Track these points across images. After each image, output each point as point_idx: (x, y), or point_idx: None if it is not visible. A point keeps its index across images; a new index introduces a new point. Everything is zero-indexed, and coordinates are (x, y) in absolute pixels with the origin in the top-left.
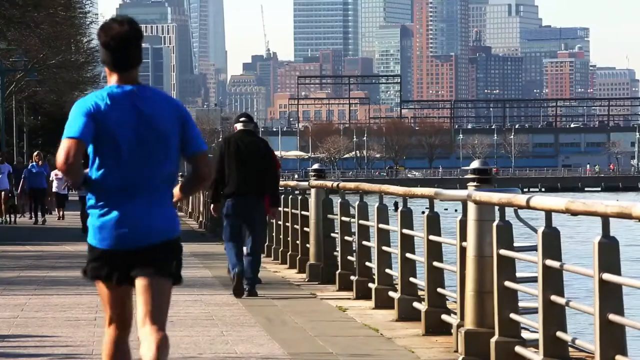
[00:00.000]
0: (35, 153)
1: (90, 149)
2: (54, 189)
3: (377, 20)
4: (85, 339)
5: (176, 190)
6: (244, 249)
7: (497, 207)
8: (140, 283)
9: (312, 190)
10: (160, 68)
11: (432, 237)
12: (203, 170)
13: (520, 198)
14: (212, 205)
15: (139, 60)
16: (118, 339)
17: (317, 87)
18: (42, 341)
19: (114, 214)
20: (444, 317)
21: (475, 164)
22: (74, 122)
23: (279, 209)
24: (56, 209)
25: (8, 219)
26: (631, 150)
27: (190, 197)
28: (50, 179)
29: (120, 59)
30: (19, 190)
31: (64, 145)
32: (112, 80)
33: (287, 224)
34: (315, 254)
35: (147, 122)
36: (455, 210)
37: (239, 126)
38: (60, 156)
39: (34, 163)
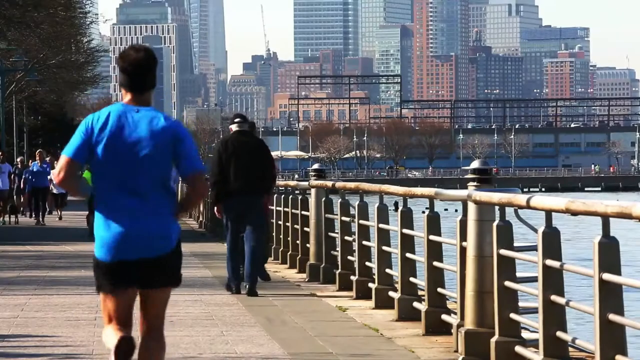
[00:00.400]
0: (38, 151)
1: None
2: (52, 190)
3: (377, 20)
4: (85, 339)
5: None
6: (245, 247)
7: (497, 207)
8: (146, 293)
9: (312, 190)
10: (160, 68)
11: (432, 237)
12: (198, 189)
13: (520, 198)
14: (215, 207)
15: (153, 84)
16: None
17: (317, 87)
18: (42, 341)
19: (114, 226)
20: (444, 317)
21: (475, 164)
22: (73, 140)
23: (272, 207)
24: (55, 209)
25: (8, 220)
26: (631, 150)
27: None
28: (49, 177)
29: (136, 83)
30: (16, 188)
31: (60, 162)
32: (126, 99)
33: (287, 224)
34: (315, 254)
35: (138, 140)
36: (456, 210)
37: (234, 127)
38: (55, 171)
39: (36, 162)
